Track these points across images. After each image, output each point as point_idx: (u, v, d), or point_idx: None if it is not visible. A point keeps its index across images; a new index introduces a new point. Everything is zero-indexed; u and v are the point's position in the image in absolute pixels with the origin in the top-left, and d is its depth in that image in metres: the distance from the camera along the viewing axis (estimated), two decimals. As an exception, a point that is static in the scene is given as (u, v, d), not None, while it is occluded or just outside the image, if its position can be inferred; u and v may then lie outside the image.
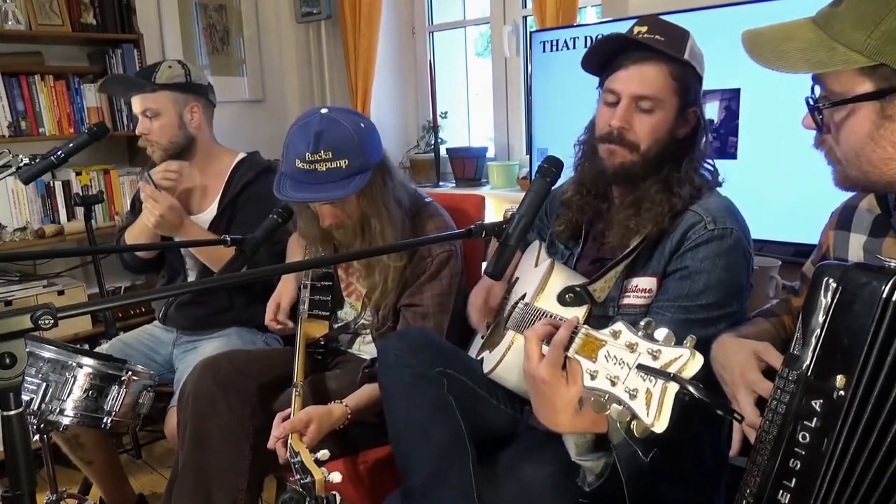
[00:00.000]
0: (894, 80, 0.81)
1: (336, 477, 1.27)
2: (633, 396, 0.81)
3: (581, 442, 1.05)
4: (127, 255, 2.22)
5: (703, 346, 1.22)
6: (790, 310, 1.21)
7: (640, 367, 0.81)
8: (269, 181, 2.08)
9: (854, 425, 0.84)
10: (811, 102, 0.91)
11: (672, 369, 0.78)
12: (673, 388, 0.78)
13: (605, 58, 1.36)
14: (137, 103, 2.06)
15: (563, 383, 0.94)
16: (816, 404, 0.86)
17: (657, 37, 1.30)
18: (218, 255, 1.96)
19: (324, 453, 1.35)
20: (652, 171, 1.34)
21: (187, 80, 2.08)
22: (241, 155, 2.20)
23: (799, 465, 0.87)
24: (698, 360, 0.78)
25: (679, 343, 0.81)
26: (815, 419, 0.86)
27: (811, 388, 0.87)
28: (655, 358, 0.80)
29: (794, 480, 0.87)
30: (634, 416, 0.80)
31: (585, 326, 0.93)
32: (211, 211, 2.14)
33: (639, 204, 1.33)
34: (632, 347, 0.83)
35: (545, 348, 0.97)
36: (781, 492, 0.88)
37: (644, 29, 1.32)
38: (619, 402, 0.82)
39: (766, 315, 1.23)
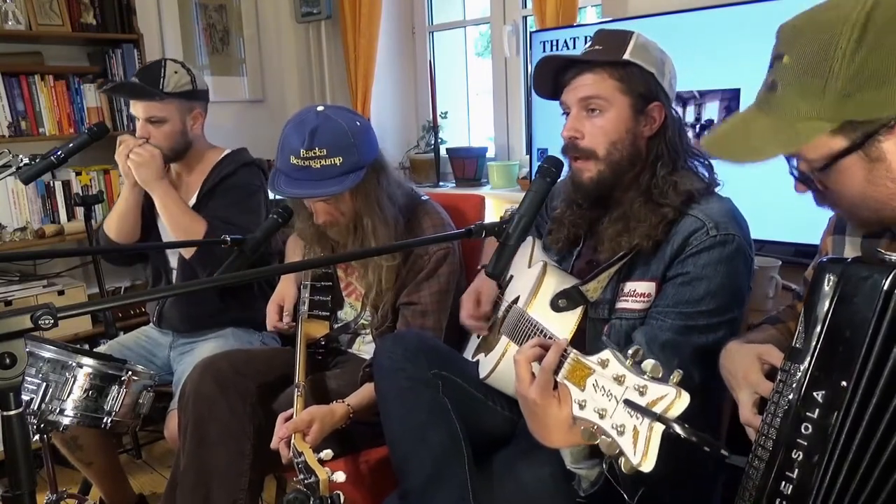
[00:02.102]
0: (862, 128, 0.84)
1: (340, 476, 1.27)
2: (620, 433, 0.81)
3: (576, 450, 1.05)
4: (106, 246, 2.19)
5: (702, 354, 1.23)
6: (796, 315, 1.21)
7: (628, 403, 0.81)
8: (246, 174, 2.11)
9: (858, 416, 0.85)
10: (797, 174, 0.94)
11: (658, 408, 0.78)
12: (659, 427, 0.78)
13: (551, 82, 1.40)
14: (141, 109, 2.03)
15: (554, 404, 0.94)
16: (819, 396, 0.87)
17: (596, 47, 1.33)
18: (184, 226, 1.97)
19: (327, 453, 1.35)
20: (626, 176, 1.33)
21: (193, 87, 2.08)
22: (227, 151, 2.20)
23: (801, 456, 0.88)
24: (684, 400, 0.78)
25: (665, 378, 0.80)
26: (817, 410, 0.87)
27: (814, 380, 0.88)
28: (642, 394, 0.80)
29: (796, 472, 0.88)
30: (622, 453, 0.80)
31: (574, 351, 0.93)
32: (190, 203, 2.13)
33: (626, 220, 1.31)
34: (619, 380, 0.83)
35: (535, 366, 0.98)
36: (784, 483, 0.89)
37: (590, 44, 1.36)
38: (608, 435, 0.83)
39: (772, 322, 1.23)
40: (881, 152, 0.85)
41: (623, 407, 0.82)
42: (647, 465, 0.78)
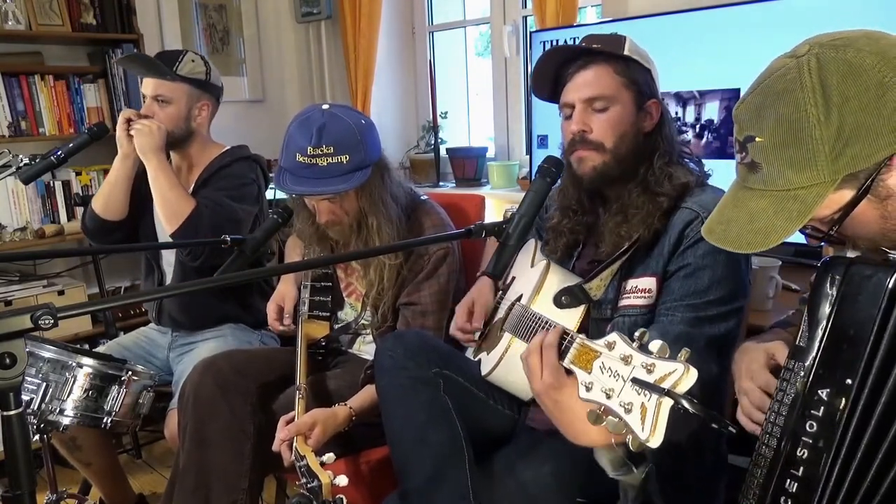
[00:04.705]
0: (863, 174, 0.83)
1: (342, 480, 1.27)
2: (627, 411, 0.81)
3: (613, 457, 1.03)
4: (90, 222, 2.15)
5: (716, 345, 1.22)
6: None
7: (635, 381, 0.81)
8: (242, 166, 2.12)
9: (864, 415, 0.85)
10: (808, 232, 0.92)
11: (666, 384, 0.78)
12: (667, 403, 0.78)
13: (551, 80, 1.40)
14: (151, 86, 2.05)
15: (568, 386, 0.94)
16: (824, 393, 0.87)
17: (594, 45, 1.35)
18: (172, 201, 1.96)
19: (329, 456, 1.35)
20: (628, 170, 1.34)
21: (206, 79, 2.09)
22: (227, 147, 2.20)
23: (806, 454, 0.88)
24: (692, 375, 0.78)
25: (673, 356, 0.80)
26: (821, 408, 0.87)
27: (818, 378, 0.88)
28: (650, 372, 0.80)
29: (801, 469, 0.88)
30: (630, 431, 0.80)
31: (580, 336, 0.93)
32: None
33: (625, 211, 1.33)
34: (626, 360, 0.83)
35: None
36: (789, 481, 0.89)
37: (583, 44, 1.37)
38: (615, 415, 0.82)
39: (783, 325, 1.24)
40: (888, 189, 0.85)
41: (630, 385, 0.81)
42: (656, 441, 0.78)
